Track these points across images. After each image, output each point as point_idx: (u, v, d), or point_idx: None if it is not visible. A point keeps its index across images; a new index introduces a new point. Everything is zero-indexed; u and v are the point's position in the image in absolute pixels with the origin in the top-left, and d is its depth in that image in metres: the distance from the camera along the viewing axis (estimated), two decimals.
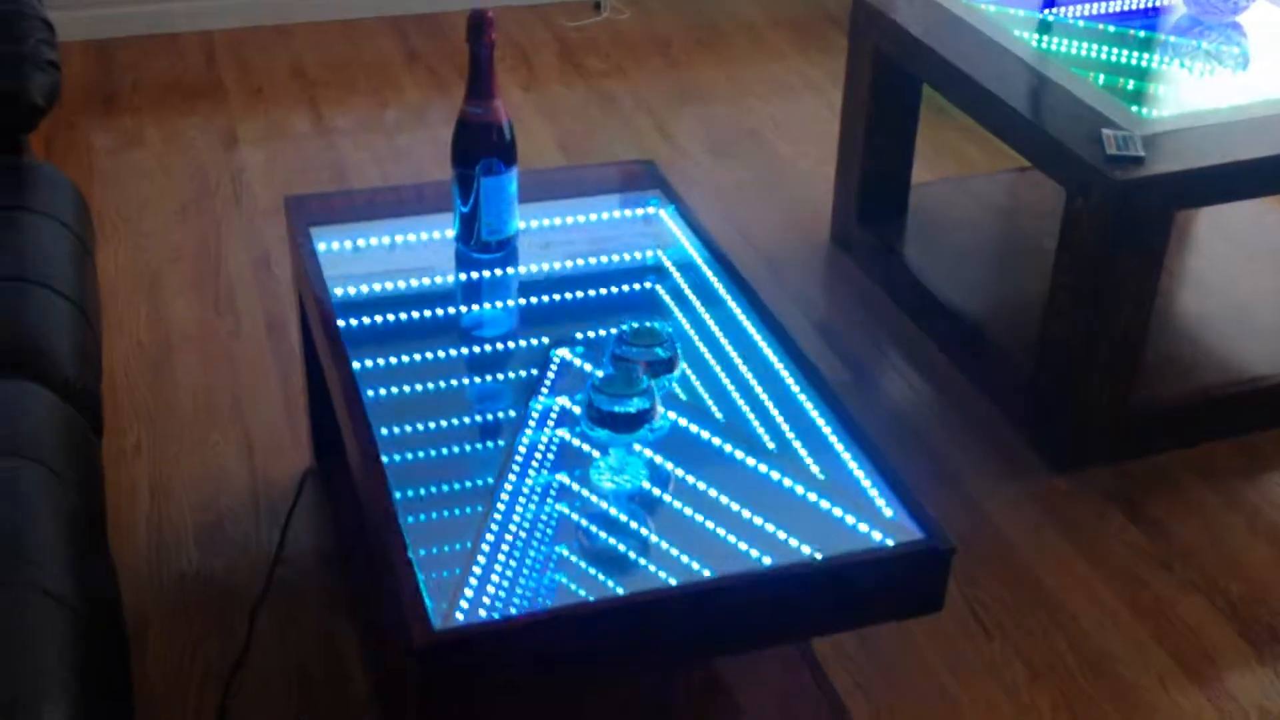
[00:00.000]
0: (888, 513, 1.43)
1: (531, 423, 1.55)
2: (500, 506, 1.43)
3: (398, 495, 1.40)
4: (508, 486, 1.46)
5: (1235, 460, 2.24)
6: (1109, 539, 2.08)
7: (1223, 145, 2.10)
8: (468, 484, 1.51)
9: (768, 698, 1.71)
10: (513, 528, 1.40)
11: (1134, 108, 2.21)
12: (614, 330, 1.52)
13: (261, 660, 1.82)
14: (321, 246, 1.86)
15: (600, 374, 1.44)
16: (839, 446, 1.52)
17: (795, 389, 1.61)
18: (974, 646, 1.89)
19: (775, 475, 1.48)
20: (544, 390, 1.60)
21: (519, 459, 1.50)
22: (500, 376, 1.74)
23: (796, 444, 1.54)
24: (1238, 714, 1.80)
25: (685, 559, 1.37)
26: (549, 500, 1.45)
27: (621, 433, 1.43)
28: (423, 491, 1.46)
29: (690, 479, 1.47)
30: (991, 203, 2.81)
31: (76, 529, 1.40)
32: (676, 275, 1.86)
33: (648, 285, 1.86)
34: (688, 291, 1.82)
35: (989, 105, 2.27)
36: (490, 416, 1.66)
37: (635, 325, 1.51)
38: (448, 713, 1.27)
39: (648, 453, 1.48)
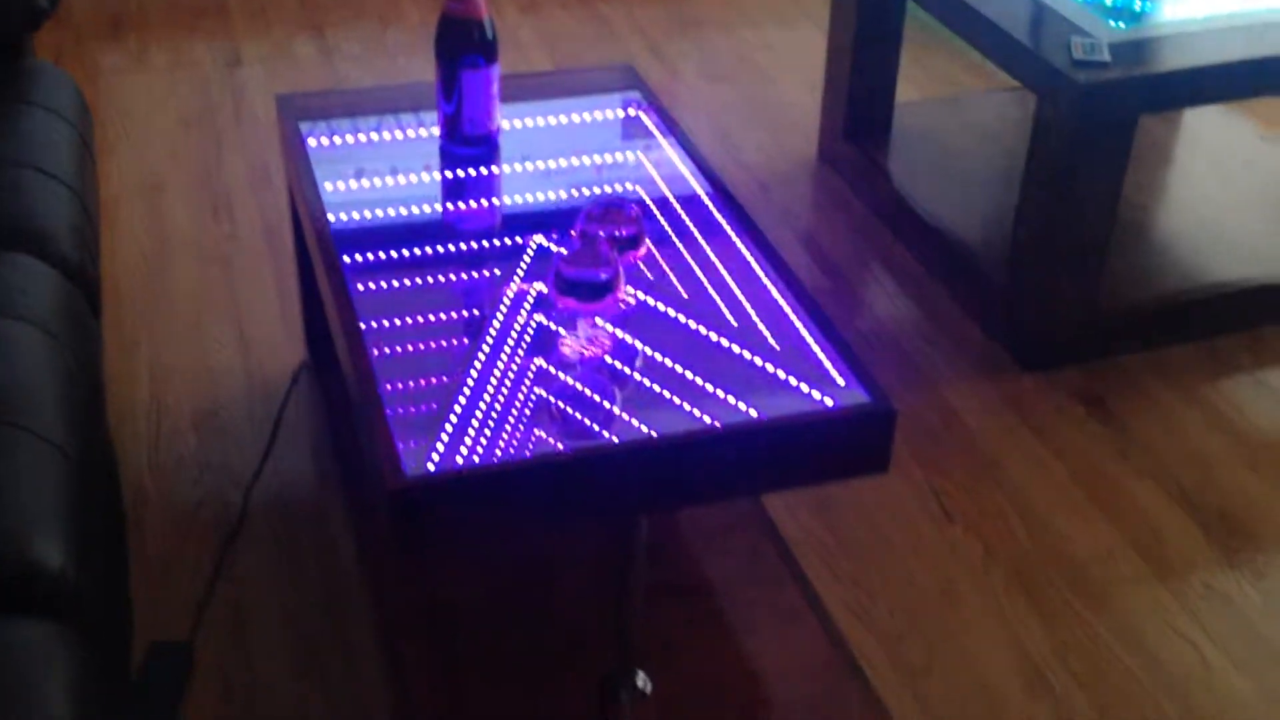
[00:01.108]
0: (840, 381, 1.51)
1: (504, 305, 1.63)
2: (474, 373, 1.52)
3: (376, 353, 1.49)
4: (480, 357, 1.54)
5: (1196, 362, 2.32)
6: (1070, 431, 2.16)
7: (1186, 51, 2.16)
8: (443, 358, 1.59)
9: (734, 567, 1.79)
10: (485, 393, 1.48)
11: (1106, 19, 2.27)
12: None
13: (255, 531, 1.92)
14: (312, 143, 1.94)
15: (566, 250, 1.52)
16: (796, 321, 1.60)
17: (758, 271, 1.68)
18: (937, 529, 1.98)
19: (733, 347, 1.56)
20: (519, 275, 1.68)
21: (492, 335, 1.58)
22: (479, 272, 1.81)
23: (755, 319, 1.62)
24: (1185, 589, 1.88)
25: (643, 422, 1.45)
26: (518, 367, 1.53)
27: (587, 302, 1.51)
28: (401, 363, 1.54)
29: (651, 351, 1.54)
30: (976, 121, 2.87)
31: (73, 388, 1.49)
32: (651, 170, 1.93)
33: (628, 186, 1.93)
34: (662, 185, 1.89)
35: (964, 14, 2.33)
36: (470, 305, 1.74)
37: (603, 202, 1.58)
38: (419, 555, 1.35)
39: (609, 328, 1.56)
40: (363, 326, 1.54)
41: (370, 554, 1.81)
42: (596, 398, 1.50)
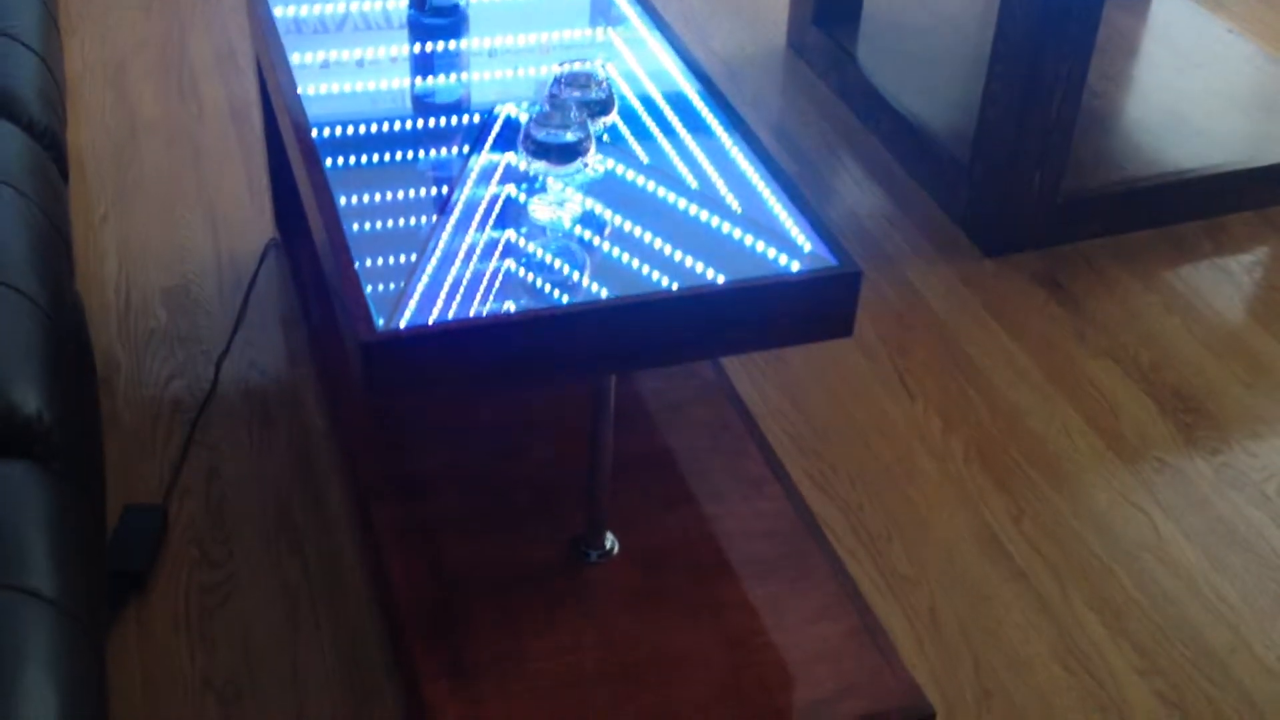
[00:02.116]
0: (806, 245, 1.53)
1: (473, 175, 1.63)
2: (443, 238, 1.53)
3: (349, 226, 1.49)
4: (450, 224, 1.55)
5: (1158, 248, 2.35)
6: (1030, 314, 2.19)
7: None
8: (414, 223, 1.60)
9: (700, 438, 1.82)
10: (455, 257, 1.50)
11: None
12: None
13: (227, 403, 1.94)
14: (279, 13, 1.93)
15: (536, 113, 1.53)
16: (762, 187, 1.62)
17: (725, 140, 1.70)
18: (899, 407, 2.01)
19: (701, 213, 1.58)
20: (487, 146, 1.68)
21: (461, 203, 1.59)
22: (449, 145, 1.82)
23: (722, 186, 1.63)
24: (1140, 464, 1.93)
25: (609, 286, 1.47)
26: (487, 233, 1.54)
27: (556, 164, 1.52)
28: (372, 230, 1.55)
29: (619, 217, 1.56)
30: (944, 8, 2.87)
31: (44, 245, 1.50)
32: (621, 45, 1.93)
33: (598, 61, 1.93)
34: (631, 59, 1.89)
35: None
36: (440, 175, 1.75)
37: (572, 67, 1.59)
38: (389, 409, 1.38)
39: (578, 196, 1.57)
40: (333, 189, 1.54)
41: (341, 423, 1.83)
42: (564, 262, 1.52)
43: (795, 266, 1.50)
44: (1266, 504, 1.88)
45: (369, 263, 1.46)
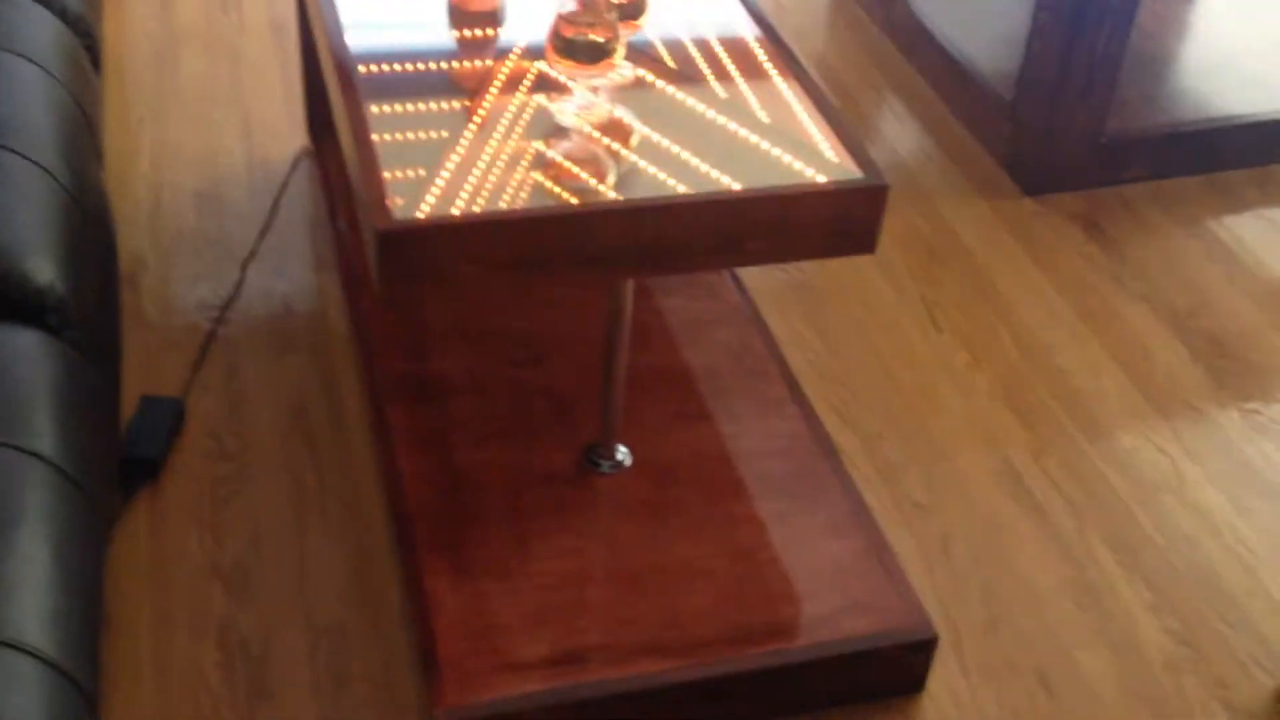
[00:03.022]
0: (833, 159, 1.50)
1: (502, 78, 1.62)
2: (468, 136, 1.52)
3: (375, 128, 1.49)
4: (476, 122, 1.54)
5: (1201, 195, 2.30)
6: (1066, 253, 2.16)
7: None
8: (440, 125, 1.59)
9: (721, 357, 1.81)
10: (480, 154, 1.49)
11: None
12: None
13: (251, 303, 1.94)
14: None
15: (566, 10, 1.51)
16: (793, 101, 1.59)
17: (758, 54, 1.67)
18: (924, 338, 1.99)
19: (728, 124, 1.56)
20: (517, 53, 1.67)
21: (489, 104, 1.57)
22: (482, 56, 1.80)
23: (752, 98, 1.61)
24: (1168, 407, 1.90)
25: (632, 188, 1.46)
26: (513, 133, 1.53)
27: (583, 63, 1.50)
28: (398, 125, 1.54)
29: (647, 122, 1.54)
30: None
31: (70, 125, 1.50)
32: None
33: None
34: None
35: None
36: (470, 81, 1.73)
37: None
38: (409, 309, 1.37)
39: (605, 100, 1.56)
40: (361, 90, 1.53)
41: (361, 324, 1.83)
42: (587, 165, 1.50)
43: (820, 178, 1.48)
44: None
45: (393, 161, 1.46)
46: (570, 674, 1.43)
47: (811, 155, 1.50)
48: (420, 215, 1.36)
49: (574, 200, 1.44)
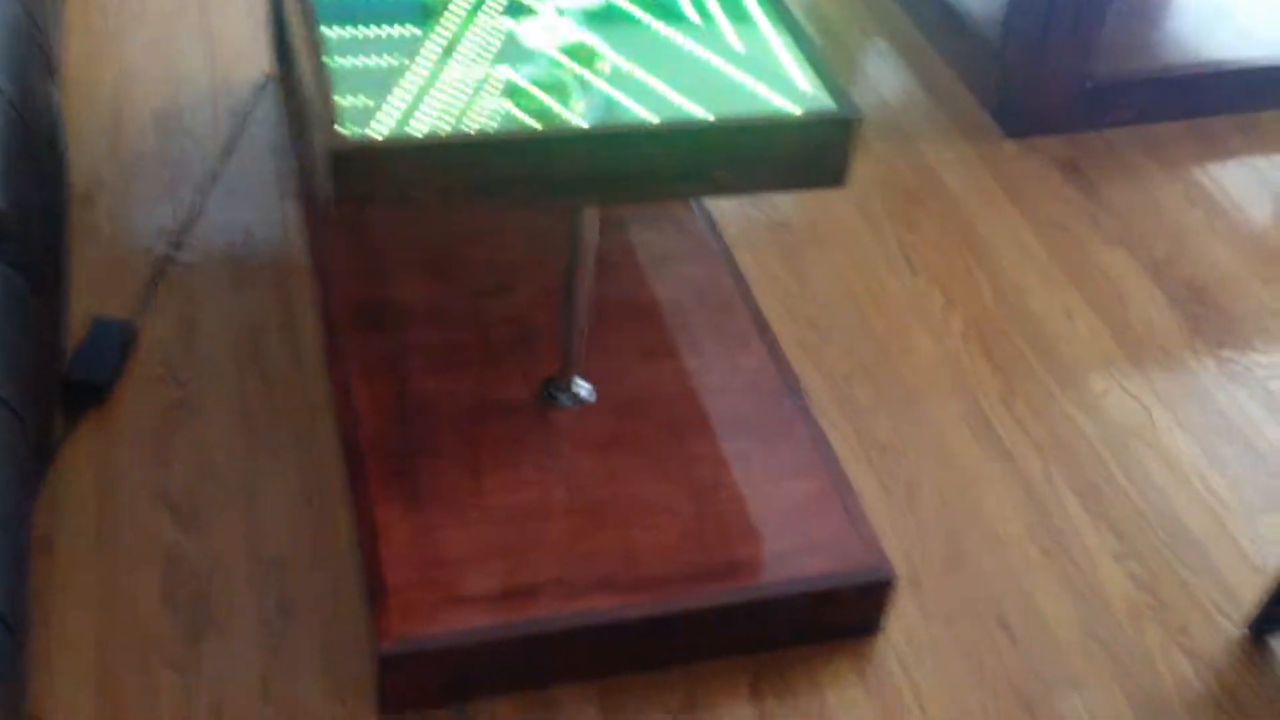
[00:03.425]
0: (806, 89, 1.46)
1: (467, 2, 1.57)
2: (428, 57, 1.47)
3: (334, 51, 1.44)
4: (438, 44, 1.49)
5: (1185, 140, 2.26)
6: (1046, 196, 2.12)
7: None
8: (400, 45, 1.54)
9: (688, 292, 1.77)
10: (439, 76, 1.44)
11: None
12: None
13: (211, 227, 1.90)
14: None
15: None
16: (768, 30, 1.54)
17: None
18: (899, 280, 1.95)
19: (700, 51, 1.51)
20: None
21: (452, 26, 1.52)
22: None
23: (726, 26, 1.56)
24: (1142, 353, 1.87)
25: (598, 114, 1.41)
26: (476, 56, 1.48)
27: None
28: (357, 48, 1.49)
29: (617, 48, 1.49)
30: None
31: (16, 37, 1.45)
32: None
33: None
34: None
35: None
36: (433, 5, 1.68)
37: None
38: (356, 216, 1.33)
39: (571, 24, 1.51)
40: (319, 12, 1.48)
41: (321, 253, 1.78)
42: (551, 90, 1.46)
43: (792, 107, 1.43)
44: (1269, 400, 1.81)
45: (350, 83, 1.41)
46: (521, 608, 1.40)
47: (784, 85, 1.46)
48: (374, 136, 1.32)
49: (537, 126, 1.40)
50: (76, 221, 1.87)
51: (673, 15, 1.56)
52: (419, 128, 1.35)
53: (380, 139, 1.31)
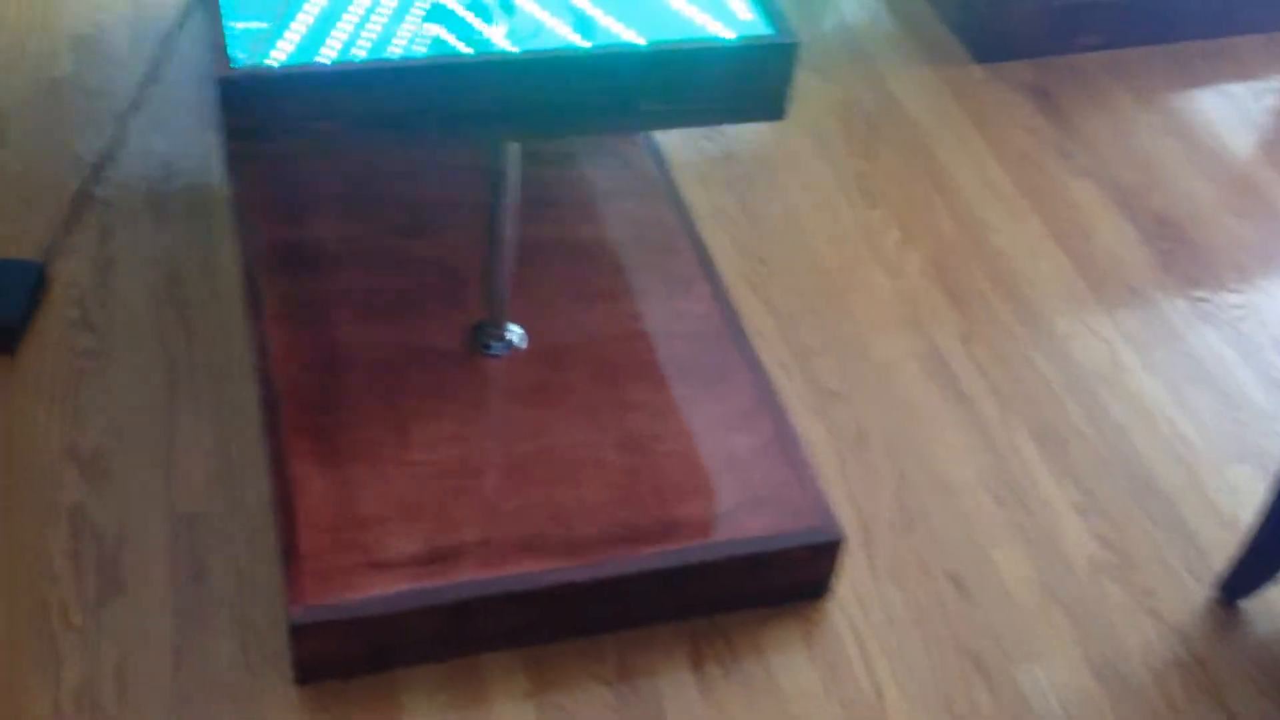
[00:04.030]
0: (743, 14, 1.36)
1: None
2: None
3: None
4: None
5: (1161, 66, 2.16)
6: (1013, 125, 2.02)
7: None
8: None
9: (630, 231, 1.68)
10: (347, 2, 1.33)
11: None
12: None
13: (129, 161, 1.79)
14: None
15: None
16: None
17: None
18: (855, 215, 1.86)
19: None
20: None
21: None
22: None
23: None
24: (1108, 291, 1.78)
25: (517, 42, 1.31)
26: None
27: None
28: None
29: None
30: None
31: None
32: None
33: None
34: None
35: None
36: None
37: None
38: (253, 152, 1.23)
39: None
40: None
41: (240, 189, 1.68)
42: (471, 13, 1.35)
43: (727, 34, 1.33)
44: (1241, 342, 1.73)
45: (250, 6, 1.30)
46: (442, 573, 1.32)
47: (718, 9, 1.36)
48: (267, 64, 1.22)
49: (461, 51, 1.30)
50: None
51: None
52: (317, 55, 1.25)
53: (273, 67, 1.21)
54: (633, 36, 1.32)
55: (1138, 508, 1.53)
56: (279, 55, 1.24)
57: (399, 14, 1.33)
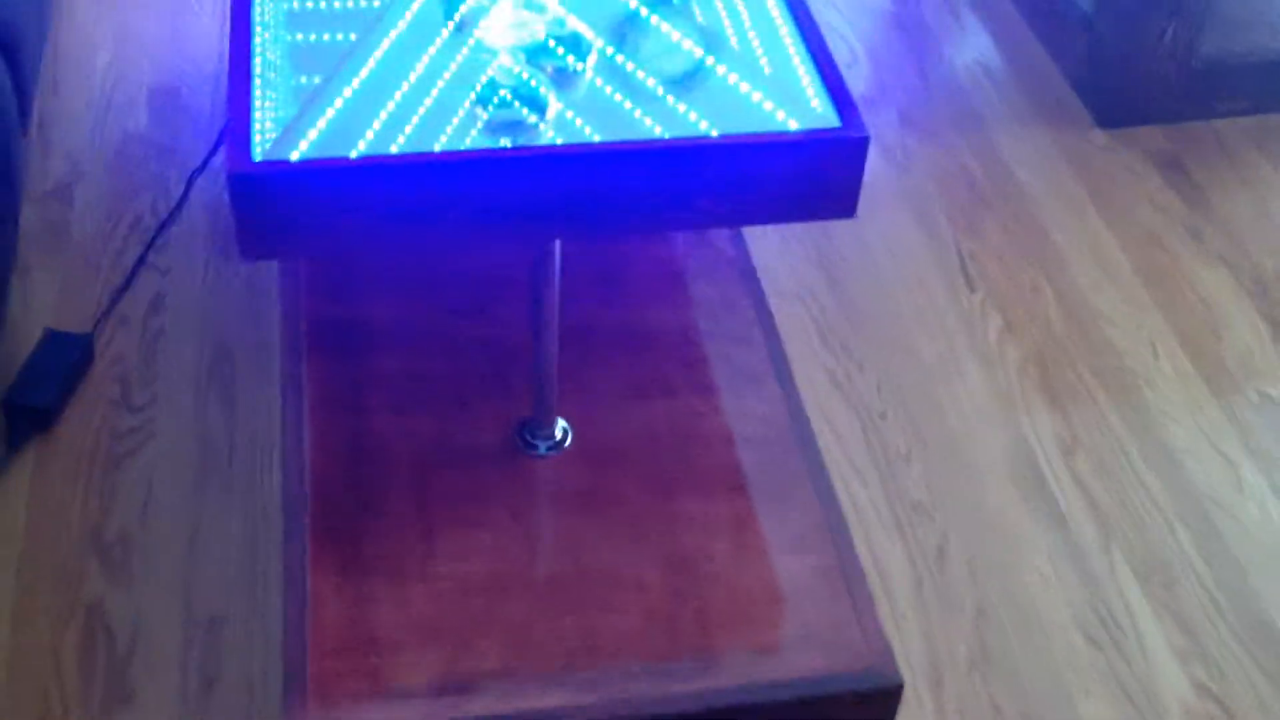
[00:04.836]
0: (813, 103, 1.23)
1: None
2: (372, 62, 1.27)
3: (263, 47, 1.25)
4: (383, 45, 1.29)
5: None
6: (1139, 199, 1.84)
7: None
8: (345, 48, 1.34)
9: (699, 316, 1.56)
10: (385, 84, 1.24)
11: None
12: None
13: (190, 223, 1.74)
14: None
15: None
16: (783, 33, 1.31)
17: None
18: (953, 298, 1.70)
19: (694, 51, 1.29)
20: None
21: (404, 22, 1.32)
22: None
23: (727, 21, 1.33)
24: (1236, 398, 1.59)
25: (564, 128, 1.21)
26: (429, 55, 1.28)
27: None
28: (296, 50, 1.30)
29: (597, 41, 1.28)
30: None
31: None
32: None
33: None
34: None
35: None
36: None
37: None
38: (265, 245, 1.15)
39: (540, 19, 1.29)
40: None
41: (288, 266, 1.61)
42: (513, 98, 1.25)
43: (790, 123, 1.20)
44: None
45: (278, 92, 1.22)
46: (456, 705, 1.21)
47: (787, 95, 1.23)
48: (283, 157, 1.13)
49: (505, 143, 1.20)
50: (45, 219, 1.72)
51: (664, 5, 1.33)
52: (340, 147, 1.17)
53: (287, 161, 1.12)
54: (695, 119, 1.21)
55: (1247, 656, 1.35)
56: (294, 148, 1.16)
57: (448, 99, 1.24)
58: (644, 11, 1.32)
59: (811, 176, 1.20)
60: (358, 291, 1.57)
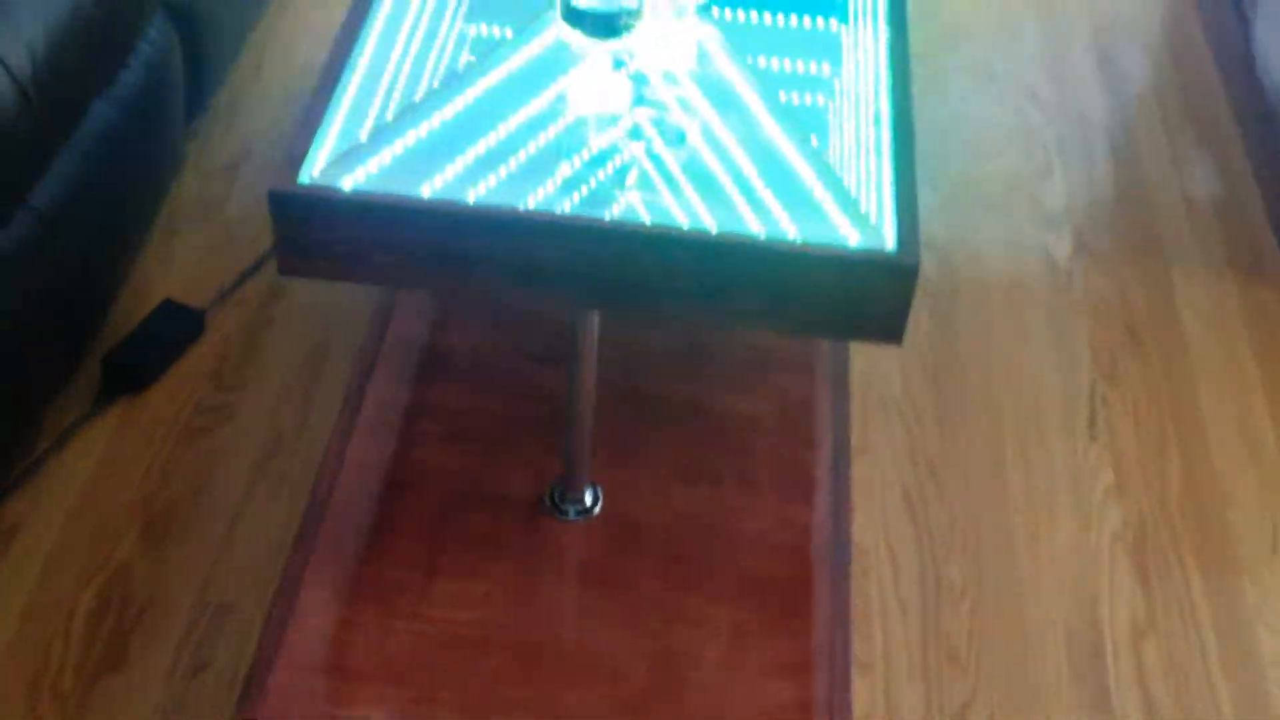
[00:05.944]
0: (873, 219, 1.15)
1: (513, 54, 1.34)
2: (449, 107, 1.27)
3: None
4: (465, 94, 1.28)
5: None
6: None
7: None
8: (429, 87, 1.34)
9: (767, 401, 1.49)
10: (458, 124, 1.24)
11: None
12: None
13: None
14: None
15: None
16: (882, 140, 1.24)
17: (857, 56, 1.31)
18: (1069, 443, 1.57)
19: (770, 144, 1.23)
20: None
21: (493, 73, 1.31)
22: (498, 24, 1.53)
23: (833, 121, 1.27)
24: None
25: (610, 202, 1.18)
26: (509, 109, 1.27)
27: (599, 38, 1.22)
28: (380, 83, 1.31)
29: (668, 116, 1.24)
30: None
31: None
32: None
33: None
34: None
35: None
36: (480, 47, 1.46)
37: None
38: (301, 264, 1.17)
39: (626, 85, 1.26)
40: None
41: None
42: (582, 163, 1.23)
43: (846, 237, 1.14)
44: None
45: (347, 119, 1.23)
46: None
47: (851, 209, 1.16)
48: (327, 183, 1.15)
49: (567, 209, 1.18)
50: (204, 193, 1.81)
51: (759, 91, 1.28)
52: (382, 182, 1.17)
53: (327, 188, 1.14)
54: (748, 217, 1.16)
55: None
56: (341, 177, 1.18)
57: (514, 141, 1.23)
58: (746, 97, 1.28)
59: (855, 296, 1.13)
60: (446, 318, 1.58)
